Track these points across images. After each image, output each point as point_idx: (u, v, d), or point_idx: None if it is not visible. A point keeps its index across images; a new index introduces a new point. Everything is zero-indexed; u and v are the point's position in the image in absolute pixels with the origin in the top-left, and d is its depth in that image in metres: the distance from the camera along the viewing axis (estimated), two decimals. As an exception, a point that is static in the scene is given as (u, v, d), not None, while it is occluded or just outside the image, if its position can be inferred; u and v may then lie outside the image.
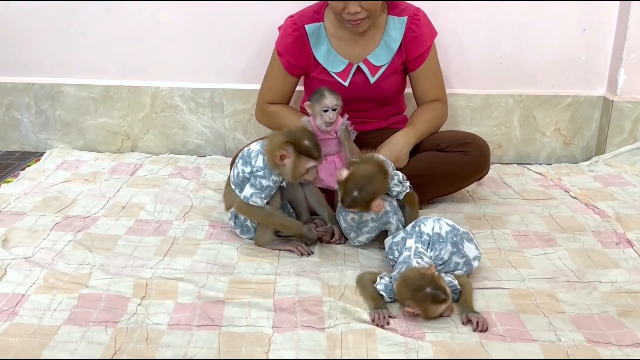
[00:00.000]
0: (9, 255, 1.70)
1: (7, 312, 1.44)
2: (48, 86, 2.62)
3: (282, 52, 2.12)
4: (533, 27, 2.51)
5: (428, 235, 1.59)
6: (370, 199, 1.60)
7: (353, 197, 1.60)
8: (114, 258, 1.72)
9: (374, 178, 1.62)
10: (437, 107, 2.15)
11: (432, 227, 1.60)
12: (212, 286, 1.57)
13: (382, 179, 1.64)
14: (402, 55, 2.09)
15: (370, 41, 2.08)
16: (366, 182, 1.60)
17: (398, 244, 1.63)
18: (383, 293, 1.51)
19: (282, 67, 2.13)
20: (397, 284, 1.47)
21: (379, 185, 1.62)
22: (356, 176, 1.62)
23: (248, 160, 1.76)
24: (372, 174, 1.62)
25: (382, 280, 1.54)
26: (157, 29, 2.55)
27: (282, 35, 2.13)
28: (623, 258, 1.75)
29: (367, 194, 1.60)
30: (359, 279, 1.59)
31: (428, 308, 1.42)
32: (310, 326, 1.41)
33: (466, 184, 2.11)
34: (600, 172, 2.45)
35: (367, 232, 1.76)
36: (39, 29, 2.57)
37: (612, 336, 1.39)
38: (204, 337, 1.38)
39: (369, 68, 2.08)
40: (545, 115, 2.60)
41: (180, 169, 2.45)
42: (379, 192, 1.63)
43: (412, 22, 2.06)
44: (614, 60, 2.55)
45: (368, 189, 1.60)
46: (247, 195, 1.74)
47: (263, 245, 1.81)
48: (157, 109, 2.63)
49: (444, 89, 2.20)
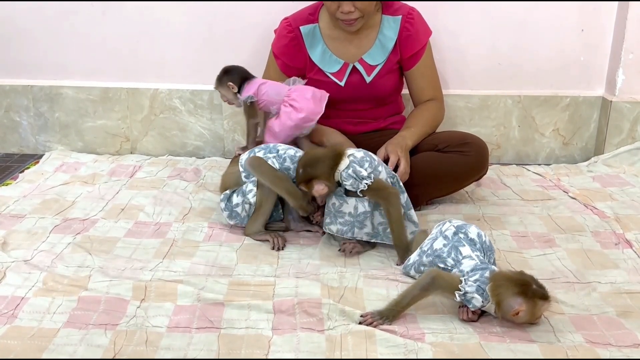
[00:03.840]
0: (8, 258, 1.70)
1: (7, 315, 1.44)
2: (47, 88, 2.62)
3: (278, 53, 2.13)
4: (532, 28, 2.52)
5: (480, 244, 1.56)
6: (309, 178, 1.68)
7: (298, 174, 1.71)
8: (113, 260, 1.72)
9: (320, 160, 1.69)
10: (432, 108, 2.15)
11: (478, 233, 1.57)
12: (211, 288, 1.57)
13: (327, 164, 1.68)
14: (397, 54, 2.09)
15: (365, 40, 2.08)
16: (310, 162, 1.70)
17: (449, 253, 1.53)
18: (476, 295, 1.41)
19: (278, 69, 2.15)
20: (495, 284, 1.39)
21: (320, 169, 1.68)
22: (307, 155, 1.75)
23: (274, 151, 1.82)
24: (322, 156, 1.71)
25: (470, 283, 1.42)
26: (155, 31, 2.55)
27: (277, 37, 2.15)
28: (622, 258, 1.76)
29: (306, 174, 1.69)
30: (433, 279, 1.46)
31: (537, 304, 1.38)
32: (309, 328, 1.41)
33: (465, 184, 2.11)
34: (599, 172, 2.45)
35: (340, 223, 1.74)
36: (37, 30, 2.57)
37: (611, 337, 1.39)
38: (203, 339, 1.37)
39: (365, 67, 2.08)
40: (544, 116, 2.60)
41: (179, 170, 2.45)
42: (319, 174, 1.68)
43: (406, 21, 2.07)
44: (612, 60, 2.55)
45: (308, 169, 1.69)
46: (267, 155, 1.80)
47: (250, 235, 1.85)
48: (156, 111, 2.63)
49: (439, 87, 2.21)
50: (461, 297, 1.43)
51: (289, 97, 1.98)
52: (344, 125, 2.16)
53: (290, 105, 1.97)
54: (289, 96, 1.98)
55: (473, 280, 1.43)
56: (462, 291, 1.42)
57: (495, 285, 1.40)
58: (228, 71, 2.05)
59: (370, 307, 1.49)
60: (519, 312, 1.38)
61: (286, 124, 1.97)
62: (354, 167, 1.68)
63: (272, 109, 2.01)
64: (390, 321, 1.43)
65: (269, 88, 2.00)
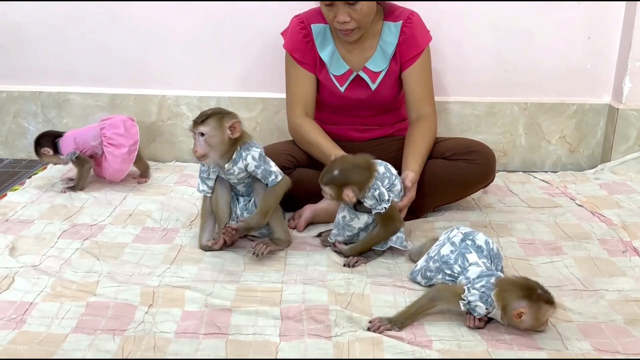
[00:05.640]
0: (16, 263, 1.71)
1: (15, 320, 1.45)
2: (55, 94, 2.63)
3: (292, 49, 2.09)
4: (538, 35, 2.52)
5: (487, 251, 1.56)
6: (344, 182, 1.67)
7: (331, 175, 1.68)
8: (121, 266, 1.73)
9: (357, 168, 1.69)
10: (425, 131, 2.03)
11: (485, 240, 1.57)
12: (218, 294, 1.57)
13: (364, 174, 1.69)
14: (397, 59, 2.08)
15: (368, 48, 2.08)
16: (348, 167, 1.69)
17: (456, 259, 1.54)
18: (479, 303, 1.42)
19: (299, 66, 2.09)
20: (500, 290, 1.40)
21: (357, 176, 1.68)
22: (344, 159, 1.75)
23: None
24: (358, 164, 1.70)
25: (473, 291, 1.43)
26: (163, 37, 2.56)
27: (290, 34, 2.11)
28: (629, 266, 1.75)
29: (343, 177, 1.67)
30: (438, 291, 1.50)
31: (541, 307, 1.37)
32: (317, 334, 1.41)
33: (472, 192, 2.11)
34: (606, 179, 2.44)
35: (348, 236, 1.80)
36: (45, 37, 2.59)
37: (619, 345, 1.39)
38: (211, 345, 1.38)
39: (369, 75, 2.08)
40: (550, 123, 2.60)
41: (186, 176, 2.46)
42: (354, 182, 1.68)
43: (405, 25, 2.05)
44: (619, 68, 2.55)
45: (346, 173, 1.68)
46: None
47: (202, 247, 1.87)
48: (164, 117, 2.64)
49: (433, 98, 2.11)
50: (466, 306, 1.43)
51: (105, 136, 2.26)
52: (351, 132, 2.17)
53: (110, 144, 2.26)
54: (105, 135, 2.26)
55: (479, 287, 1.43)
56: (466, 300, 1.43)
57: (500, 290, 1.41)
58: (38, 141, 2.26)
59: (378, 313, 1.49)
60: (521, 314, 1.38)
61: (117, 161, 2.26)
62: (379, 187, 1.71)
63: (97, 152, 2.28)
64: (399, 328, 1.43)
65: (84, 137, 2.25)
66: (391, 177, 1.78)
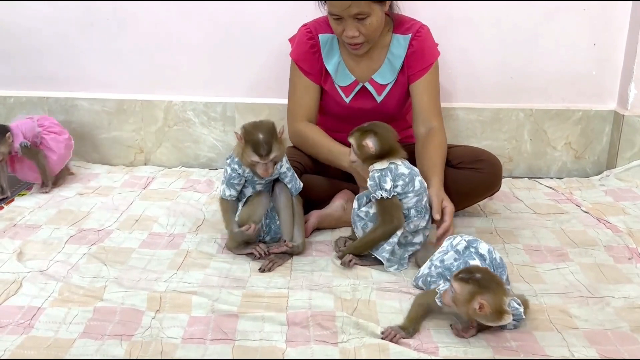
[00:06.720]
0: (24, 268, 1.72)
1: (23, 325, 1.46)
2: (62, 100, 2.65)
3: (298, 59, 2.10)
4: (543, 42, 2.52)
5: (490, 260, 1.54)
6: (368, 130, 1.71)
7: (360, 126, 1.74)
8: (128, 271, 1.73)
9: (388, 133, 1.73)
10: (437, 145, 2.00)
11: (488, 249, 1.56)
12: (225, 300, 1.58)
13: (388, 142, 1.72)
14: (405, 72, 2.08)
15: (376, 60, 2.08)
16: (382, 127, 1.74)
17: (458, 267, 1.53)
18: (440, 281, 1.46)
19: (304, 76, 2.10)
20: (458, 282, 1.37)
21: (383, 132, 1.72)
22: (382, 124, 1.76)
23: None
24: (391, 130, 1.75)
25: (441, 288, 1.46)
26: (169, 43, 2.58)
27: (297, 43, 2.11)
28: (635, 273, 1.75)
29: (369, 127, 1.72)
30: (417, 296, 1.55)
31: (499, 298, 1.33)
32: (323, 341, 1.42)
33: (477, 200, 2.11)
34: (612, 186, 2.44)
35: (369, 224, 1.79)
36: (53, 43, 2.60)
37: (625, 352, 1.39)
38: (218, 350, 1.38)
39: (375, 87, 2.08)
40: (556, 129, 2.61)
41: (192, 182, 2.47)
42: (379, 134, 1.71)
43: (414, 39, 2.05)
44: (624, 74, 2.55)
45: (372, 126, 1.73)
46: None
47: (230, 249, 1.86)
48: (170, 123, 2.65)
49: (440, 110, 2.09)
50: (438, 299, 1.45)
51: (43, 126, 2.34)
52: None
53: (51, 132, 2.35)
54: (43, 125, 2.34)
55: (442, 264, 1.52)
56: (438, 294, 1.45)
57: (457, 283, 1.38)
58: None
59: (384, 319, 1.50)
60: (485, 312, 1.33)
61: (61, 147, 2.35)
62: (385, 174, 1.70)
63: (36, 141, 2.31)
64: (410, 335, 1.44)
65: (25, 128, 2.27)
66: (405, 185, 1.71)
